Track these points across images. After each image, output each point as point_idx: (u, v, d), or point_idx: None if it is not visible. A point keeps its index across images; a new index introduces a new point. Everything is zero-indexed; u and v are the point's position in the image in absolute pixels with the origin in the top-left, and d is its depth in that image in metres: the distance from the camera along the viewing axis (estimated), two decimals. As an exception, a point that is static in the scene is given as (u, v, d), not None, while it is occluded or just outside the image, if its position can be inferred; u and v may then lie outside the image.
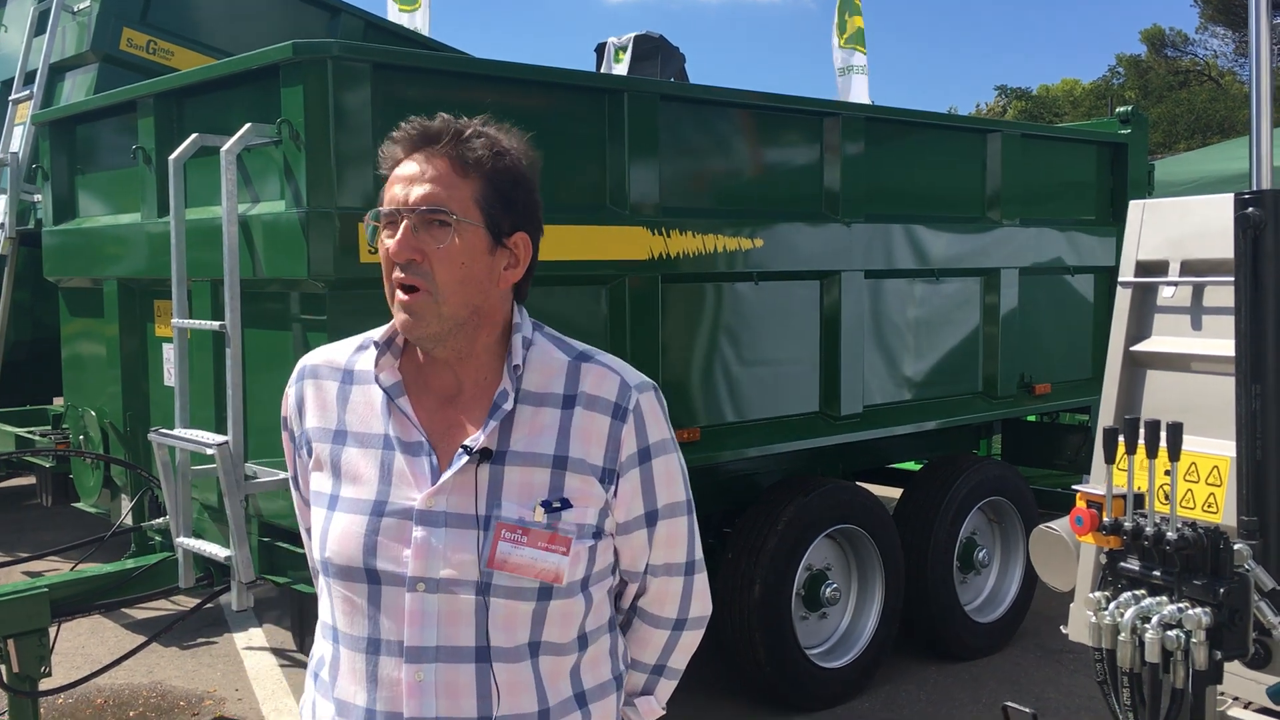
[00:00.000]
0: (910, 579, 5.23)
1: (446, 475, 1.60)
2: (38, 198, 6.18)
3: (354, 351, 1.74)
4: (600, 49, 11.34)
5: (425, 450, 1.62)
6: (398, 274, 1.58)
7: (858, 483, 5.43)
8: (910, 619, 5.30)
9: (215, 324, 3.92)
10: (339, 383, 1.71)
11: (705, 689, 5.11)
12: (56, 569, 5.65)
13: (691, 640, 1.84)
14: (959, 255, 5.40)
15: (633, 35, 11.06)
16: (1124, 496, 2.34)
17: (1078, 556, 3.14)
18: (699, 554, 1.79)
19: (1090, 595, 2.34)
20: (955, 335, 5.48)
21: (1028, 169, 5.72)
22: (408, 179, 1.59)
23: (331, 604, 1.67)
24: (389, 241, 1.59)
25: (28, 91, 6.80)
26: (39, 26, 6.91)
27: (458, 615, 1.57)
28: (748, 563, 4.69)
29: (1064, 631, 3.26)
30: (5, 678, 3.80)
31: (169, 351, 4.46)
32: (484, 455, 1.60)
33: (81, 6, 6.69)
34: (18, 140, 6.74)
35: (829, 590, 4.93)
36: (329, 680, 1.67)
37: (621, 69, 10.91)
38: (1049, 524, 3.25)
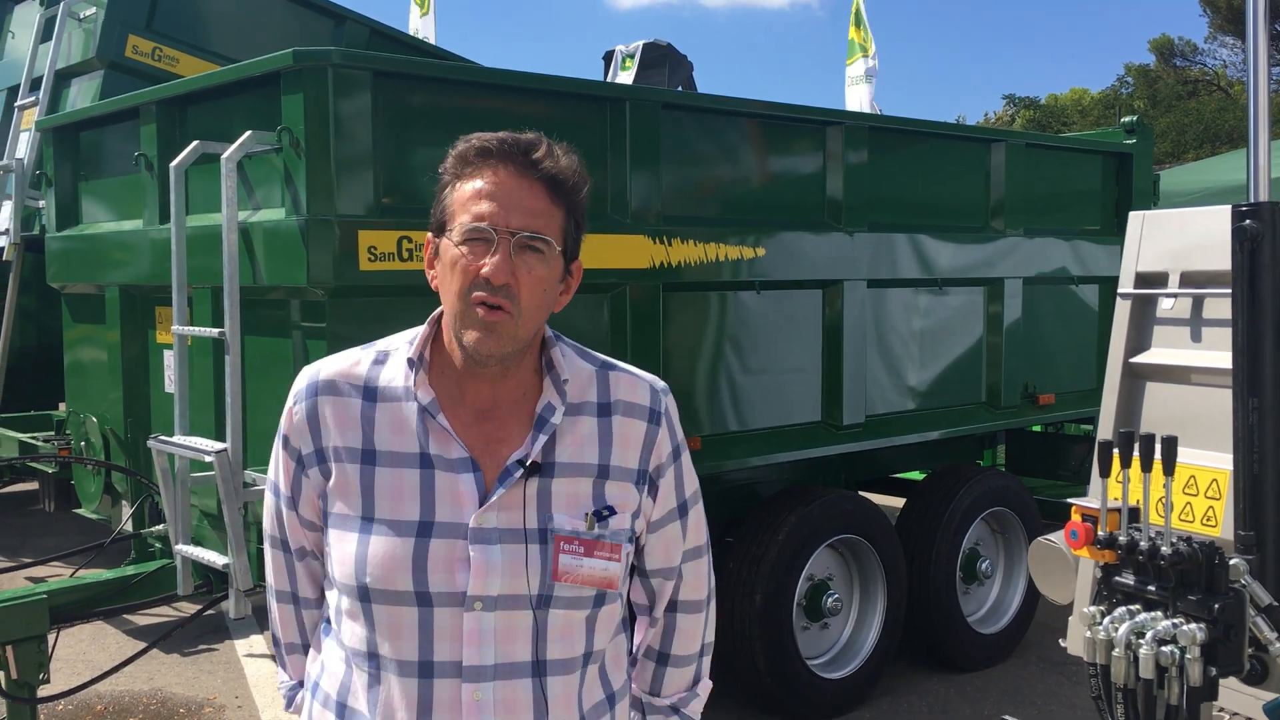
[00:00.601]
0: (913, 590, 5.21)
1: (499, 491, 1.59)
2: (42, 204, 6.19)
3: (371, 365, 1.69)
4: (608, 56, 11.36)
5: (470, 467, 1.60)
6: (483, 293, 1.55)
7: (860, 492, 5.42)
8: (912, 630, 5.28)
9: (215, 331, 3.92)
10: (362, 399, 1.65)
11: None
12: (58, 574, 5.66)
13: (714, 612, 1.92)
14: (963, 265, 5.39)
15: (641, 43, 11.08)
16: (1119, 510, 2.33)
17: (1076, 570, 3.12)
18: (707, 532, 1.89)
19: (1085, 610, 2.33)
20: (959, 345, 5.46)
21: (1032, 179, 5.71)
22: (505, 197, 1.57)
23: (367, 628, 1.61)
24: (474, 257, 1.56)
25: (33, 98, 6.83)
26: (45, 33, 6.94)
27: (515, 631, 1.59)
28: (748, 572, 4.68)
29: (1063, 644, 3.25)
30: (4, 684, 3.80)
31: (169, 358, 4.46)
32: (535, 469, 1.61)
33: (87, 13, 6.71)
34: (23, 146, 6.76)
35: (831, 600, 4.91)
36: (365, 708, 1.62)
37: (628, 77, 10.92)
38: (1048, 536, 3.23)
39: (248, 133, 3.73)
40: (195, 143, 4.01)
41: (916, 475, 6.22)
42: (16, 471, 6.54)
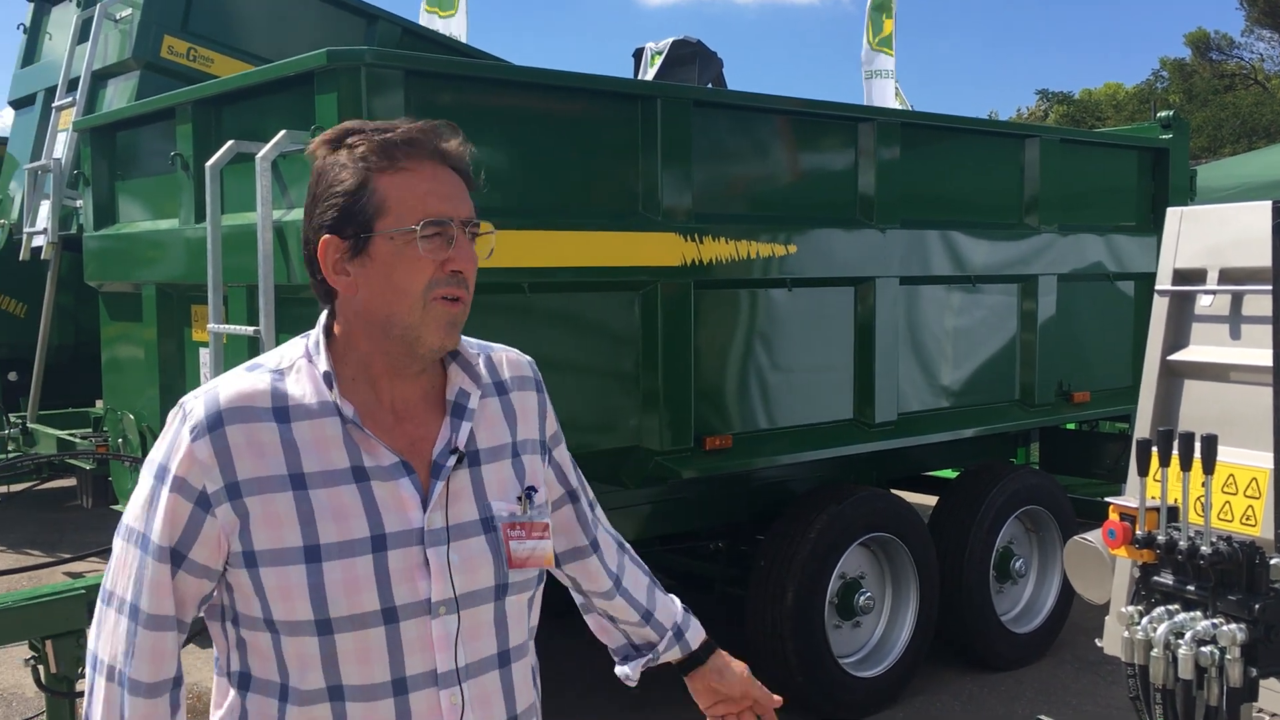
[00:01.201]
0: (945, 588, 5.18)
1: (437, 486, 1.55)
2: (79, 203, 6.27)
3: (271, 384, 1.54)
4: (638, 54, 11.34)
5: (404, 470, 1.55)
6: (450, 288, 1.53)
7: (892, 490, 5.39)
8: (945, 628, 5.25)
9: (250, 329, 3.95)
10: (274, 422, 1.51)
11: (737, 697, 5.08)
12: (96, 570, 5.72)
13: None
14: (996, 261, 5.35)
15: (670, 40, 11.06)
16: (1158, 509, 2.31)
17: (1113, 569, 3.09)
18: None
19: (1123, 610, 2.31)
20: (992, 342, 5.43)
21: (1067, 175, 5.66)
22: (448, 188, 1.56)
23: (325, 664, 1.50)
24: (433, 251, 1.52)
25: (71, 98, 6.90)
26: (82, 34, 7.01)
27: (479, 627, 1.58)
28: (780, 570, 4.67)
29: (1099, 644, 3.22)
30: (43, 678, 3.84)
31: (205, 356, 4.50)
32: (464, 459, 1.59)
33: (123, 14, 6.78)
34: (61, 147, 6.84)
35: (863, 599, 4.89)
36: None
37: (654, 74, 10.91)
38: (1084, 535, 3.21)
39: (282, 132, 3.76)
40: (230, 142, 4.04)
41: (949, 473, 6.19)
42: (55, 468, 6.62)
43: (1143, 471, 2.31)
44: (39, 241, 6.90)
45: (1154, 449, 2.32)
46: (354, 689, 1.51)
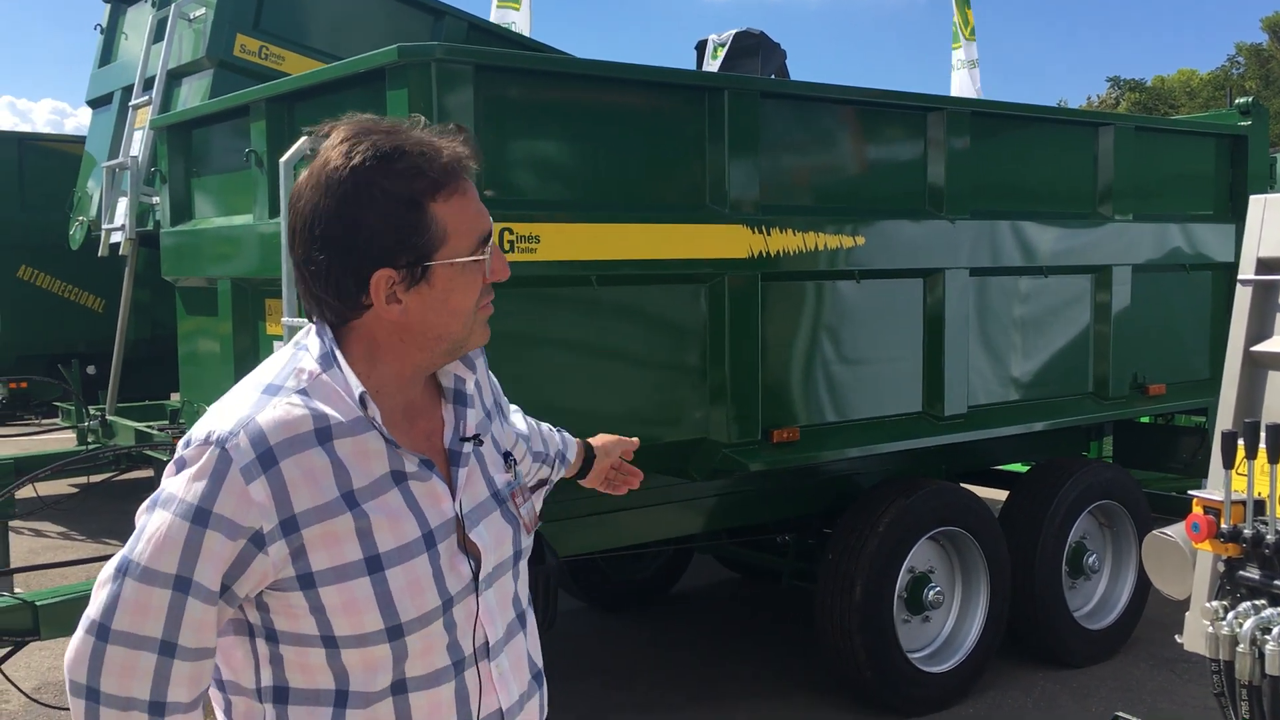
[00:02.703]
0: (1017, 583, 5.12)
1: (462, 473, 1.61)
2: (156, 200, 6.39)
3: (306, 407, 1.49)
4: (700, 46, 11.31)
5: (430, 466, 1.57)
6: (490, 294, 1.59)
7: (962, 484, 5.34)
8: (1017, 624, 5.18)
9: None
10: (318, 446, 1.48)
11: (804, 690, 5.07)
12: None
13: None
14: (1068, 252, 5.26)
15: (733, 32, 11.01)
16: (1243, 503, 2.26)
17: (1193, 564, 3.03)
18: None
19: (1207, 605, 2.26)
20: (1064, 334, 5.35)
21: (1141, 163, 5.56)
22: (481, 204, 1.58)
23: (394, 665, 1.52)
24: (481, 269, 1.55)
25: (146, 97, 7.04)
26: (157, 34, 7.15)
27: (505, 596, 1.65)
28: (848, 564, 4.64)
29: (1179, 641, 3.15)
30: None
31: (279, 349, 4.56)
32: (478, 442, 1.66)
33: (197, 14, 6.90)
34: (138, 144, 6.98)
35: (932, 593, 4.85)
36: None
37: (720, 66, 10.87)
38: (1163, 529, 3.14)
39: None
40: (304, 138, 4.10)
41: (1020, 467, 6.11)
42: (132, 459, 6.77)
43: (1228, 464, 2.26)
44: (117, 238, 7.05)
45: (1240, 441, 2.27)
46: (418, 679, 1.54)
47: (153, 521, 1.46)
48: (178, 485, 1.45)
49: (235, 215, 4.89)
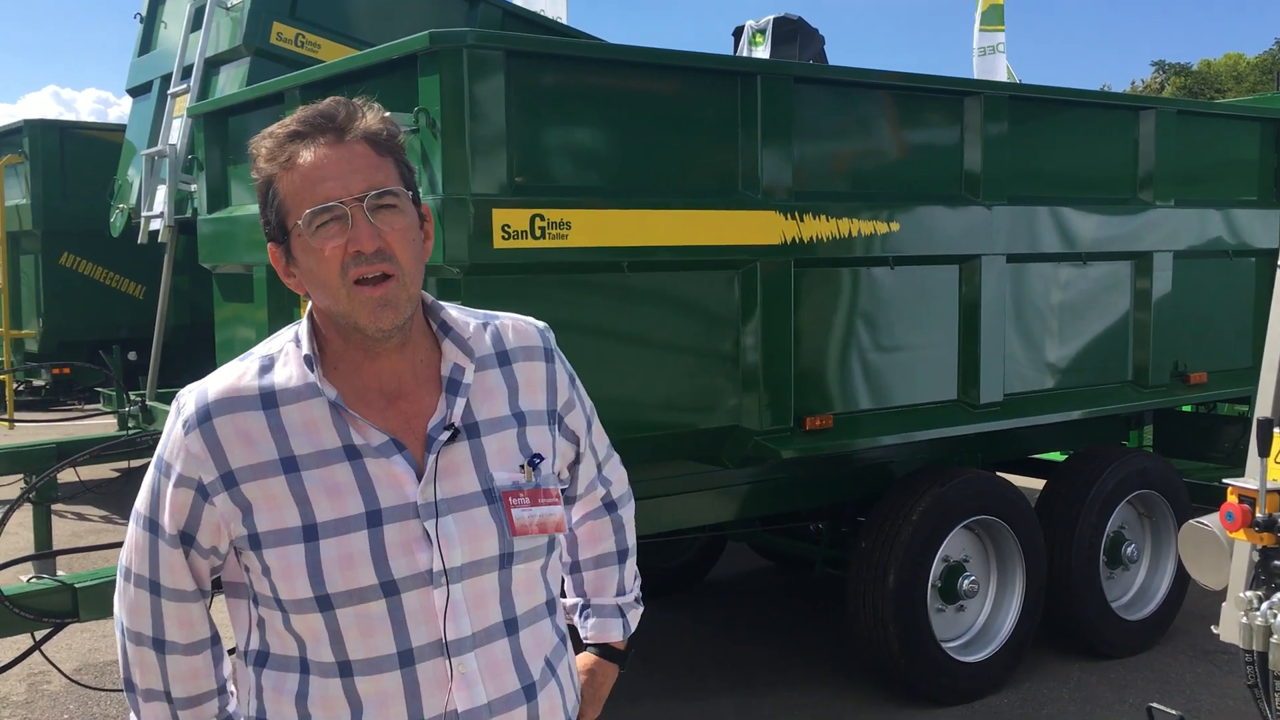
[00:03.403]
0: (1053, 573, 5.07)
1: (430, 462, 1.56)
2: (194, 187, 6.45)
3: (259, 375, 1.58)
4: (738, 32, 11.27)
5: (396, 448, 1.56)
6: (363, 267, 1.50)
7: (998, 473, 5.29)
8: (1053, 614, 5.14)
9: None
10: (261, 410, 1.55)
11: (837, 678, 5.06)
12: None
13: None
14: (1108, 238, 5.19)
15: (771, 17, 10.95)
16: (1279, 491, 2.22)
17: (1230, 553, 2.98)
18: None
19: (1241, 595, 2.23)
20: (1103, 321, 5.28)
21: (1184, 148, 5.46)
22: (336, 168, 1.52)
23: (331, 639, 1.54)
24: (332, 238, 1.50)
25: (185, 85, 7.11)
26: (195, 23, 7.20)
27: (484, 595, 1.59)
28: (881, 552, 4.61)
29: (1215, 631, 3.11)
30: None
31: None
32: (458, 431, 1.59)
33: (234, 2, 6.95)
34: (176, 133, 7.05)
35: (966, 583, 4.81)
36: (344, 717, 1.55)
37: (762, 52, 10.81)
38: (1200, 519, 3.10)
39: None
40: (336, 125, 4.11)
41: (1057, 456, 6.05)
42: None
43: (1263, 452, 2.23)
44: (156, 225, 7.12)
45: (1276, 429, 2.23)
46: (361, 663, 1.54)
47: (148, 471, 1.64)
48: (160, 441, 1.63)
49: (271, 202, 4.92)
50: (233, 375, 1.59)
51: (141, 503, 1.62)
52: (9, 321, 9.24)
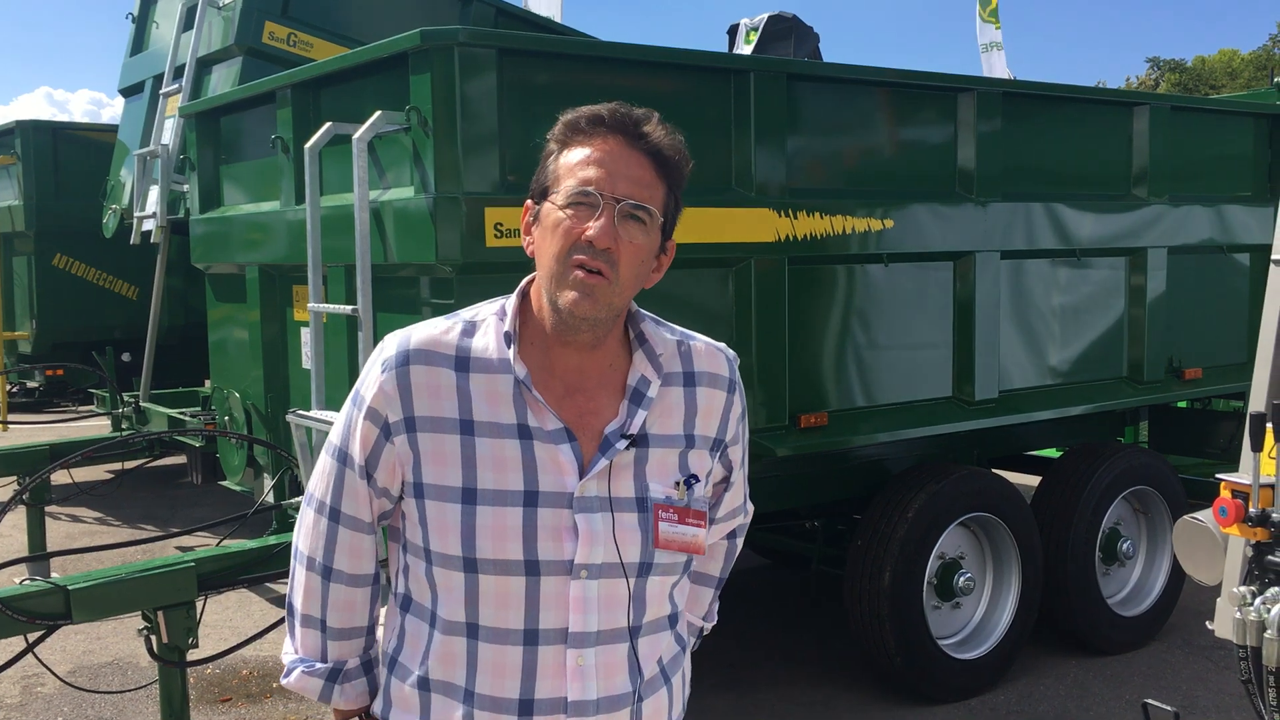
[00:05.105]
0: (1049, 570, 5.07)
1: (601, 461, 1.62)
2: (186, 187, 6.44)
3: (460, 336, 1.67)
4: (732, 30, 11.25)
5: (567, 437, 1.62)
6: (584, 256, 1.57)
7: (993, 470, 5.28)
8: (1049, 611, 5.13)
9: (349, 308, 4.02)
10: (454, 369, 1.64)
11: (833, 676, 5.05)
12: (205, 544, 5.89)
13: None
14: (1103, 235, 5.19)
15: (765, 16, 10.94)
16: (1272, 486, 2.21)
17: (1224, 549, 2.98)
18: None
19: (1235, 590, 2.22)
20: (1098, 318, 5.27)
21: (1178, 143, 5.46)
22: (613, 164, 1.60)
23: (468, 599, 1.62)
24: (577, 220, 1.58)
25: (177, 85, 7.09)
26: (187, 22, 7.18)
27: (615, 598, 1.63)
28: (877, 550, 4.61)
29: (1210, 627, 3.11)
30: (155, 648, 3.97)
31: (306, 335, 4.59)
32: (634, 442, 1.64)
33: (226, 2, 6.93)
34: (168, 132, 7.03)
35: (962, 580, 4.81)
36: (463, 681, 1.63)
37: (752, 50, 10.80)
38: (1194, 514, 3.10)
39: (377, 113, 3.80)
40: (328, 124, 4.11)
41: (1053, 453, 6.04)
42: (166, 445, 6.84)
43: (1256, 447, 2.22)
44: (149, 225, 7.11)
45: (1269, 424, 2.22)
46: (489, 630, 1.61)
47: (344, 406, 1.74)
48: (359, 379, 1.72)
49: (263, 202, 4.91)
50: (437, 329, 1.68)
51: (335, 434, 1.73)
52: (2, 323, 9.22)
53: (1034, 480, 5.56)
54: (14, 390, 10.47)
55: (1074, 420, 5.55)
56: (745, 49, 10.71)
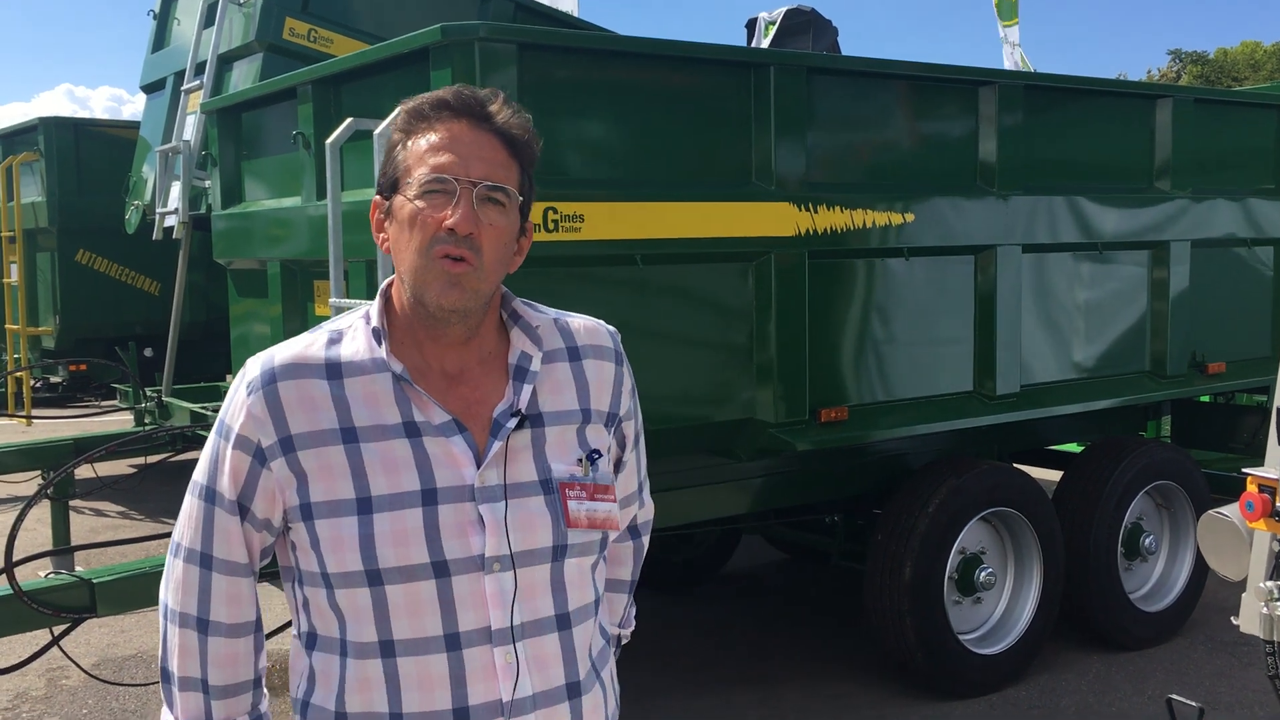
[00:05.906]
0: (1071, 565, 5.04)
1: (495, 445, 1.56)
2: (208, 183, 6.46)
3: (327, 346, 1.59)
4: (751, 24, 11.22)
5: (457, 428, 1.56)
6: (446, 245, 1.52)
7: (1014, 464, 5.26)
8: (1071, 606, 5.11)
9: (369, 303, 4.02)
10: (325, 379, 1.56)
11: (854, 671, 5.04)
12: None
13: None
14: (1125, 228, 5.16)
15: (784, 9, 10.91)
16: (1300, 482, 2.20)
17: (1250, 544, 2.96)
18: None
19: (1261, 585, 2.21)
20: (1120, 312, 5.24)
21: (1201, 136, 5.42)
22: (465, 149, 1.54)
23: (378, 616, 1.53)
24: (434, 209, 1.53)
25: (198, 81, 7.11)
26: (208, 19, 7.21)
27: (535, 587, 1.57)
28: (898, 545, 4.60)
29: (1234, 622, 3.09)
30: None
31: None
32: (525, 419, 1.59)
33: (247, -2, 6.95)
34: (190, 129, 7.06)
35: (983, 575, 4.79)
36: (385, 705, 1.53)
37: (768, 44, 10.77)
38: (1219, 509, 3.08)
39: (398, 108, 3.79)
40: (349, 120, 4.11)
41: (1074, 447, 6.02)
42: (188, 440, 6.87)
43: (1284, 442, 2.20)
44: (171, 221, 7.14)
45: (1296, 419, 2.20)
46: (405, 643, 1.52)
47: (207, 441, 1.63)
48: (221, 408, 1.63)
49: (284, 198, 4.93)
50: (300, 344, 1.60)
51: (199, 472, 1.61)
52: (26, 318, 9.28)
53: (1055, 475, 5.53)
54: (37, 385, 10.54)
55: (1096, 415, 5.52)
56: (764, 43, 10.69)
